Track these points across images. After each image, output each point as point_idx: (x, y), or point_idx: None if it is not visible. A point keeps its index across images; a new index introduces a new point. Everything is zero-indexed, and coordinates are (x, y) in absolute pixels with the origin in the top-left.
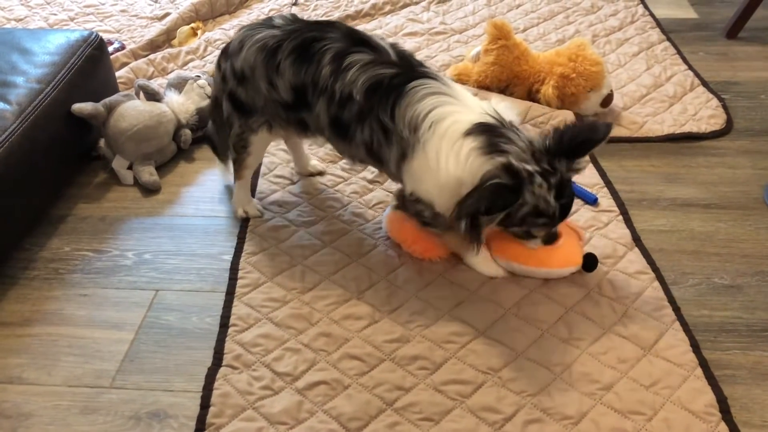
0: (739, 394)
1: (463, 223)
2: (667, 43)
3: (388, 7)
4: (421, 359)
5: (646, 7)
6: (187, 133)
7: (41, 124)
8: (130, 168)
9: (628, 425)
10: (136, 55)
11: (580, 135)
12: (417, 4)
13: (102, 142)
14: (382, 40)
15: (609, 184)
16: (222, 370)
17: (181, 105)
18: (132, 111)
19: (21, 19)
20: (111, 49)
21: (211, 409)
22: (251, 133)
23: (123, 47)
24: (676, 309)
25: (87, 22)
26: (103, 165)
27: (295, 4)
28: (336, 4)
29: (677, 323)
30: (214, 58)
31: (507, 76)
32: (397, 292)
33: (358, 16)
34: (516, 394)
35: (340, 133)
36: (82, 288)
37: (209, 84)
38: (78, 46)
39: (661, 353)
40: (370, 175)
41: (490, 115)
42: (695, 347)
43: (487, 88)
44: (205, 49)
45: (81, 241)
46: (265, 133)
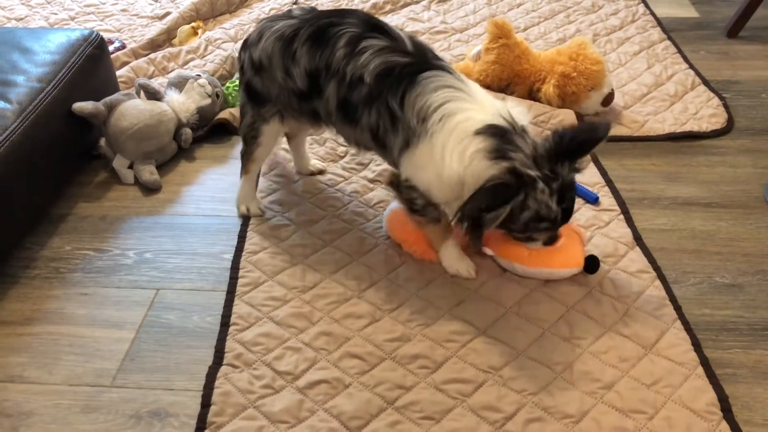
0: (741, 392)
1: (466, 224)
2: (667, 42)
3: (388, 7)
4: (421, 358)
5: (647, 6)
6: (187, 132)
7: (42, 123)
8: (130, 167)
9: (629, 424)
10: (136, 54)
11: (580, 135)
12: (417, 3)
13: (102, 141)
14: (401, 31)
15: (610, 183)
16: (223, 369)
17: (181, 104)
18: (132, 110)
19: (21, 19)
20: (111, 48)
21: (212, 408)
22: (263, 122)
23: (123, 46)
24: (678, 308)
25: (87, 22)
26: (103, 164)
27: (295, 3)
28: (336, 3)
29: (678, 322)
30: (215, 58)
31: (508, 75)
32: (398, 291)
33: None
34: (517, 392)
35: (347, 116)
36: (83, 287)
37: (209, 83)
38: (78, 45)
39: (663, 352)
40: (371, 174)
41: (503, 117)
42: (696, 346)
43: (488, 87)
44: (205, 49)
45: (82, 240)
46: (277, 124)
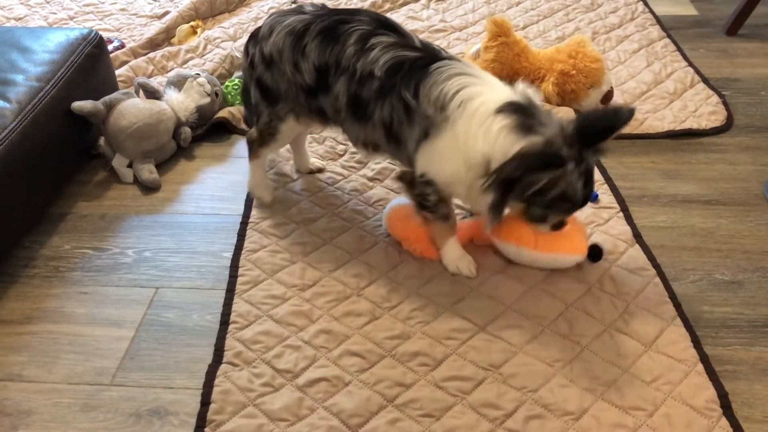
0: (741, 389)
1: (494, 192)
2: (667, 40)
3: (387, 5)
4: (421, 356)
5: (646, 4)
6: (186, 131)
7: (41, 123)
8: (130, 166)
9: (629, 421)
10: (135, 53)
11: (604, 120)
12: (417, 1)
13: (102, 140)
14: (410, 31)
15: (609, 180)
16: (222, 367)
17: (180, 103)
18: (132, 109)
19: (20, 18)
20: (111, 47)
21: (212, 406)
22: (279, 121)
23: (123, 45)
24: (677, 305)
25: (87, 21)
26: (103, 163)
27: (294, 2)
28: (336, 2)
29: (678, 319)
30: (214, 57)
31: (507, 73)
32: (398, 289)
33: None
34: (517, 390)
35: (358, 113)
36: (83, 286)
37: (208, 82)
38: (77, 45)
39: (662, 349)
40: (370, 173)
41: (521, 95)
42: (696, 343)
43: None
44: (204, 48)
45: (81, 239)
46: (293, 122)
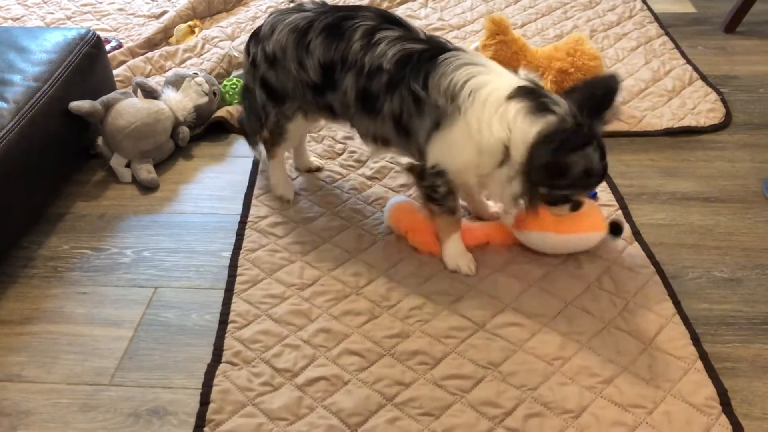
0: (740, 386)
1: (528, 180)
2: (665, 38)
3: (386, 4)
4: (420, 354)
5: (644, 1)
6: (184, 130)
7: (39, 123)
8: (128, 166)
9: (628, 419)
10: (133, 53)
11: (598, 91)
12: (415, 0)
13: (100, 140)
14: (414, 24)
15: (608, 178)
16: (222, 367)
17: (178, 102)
18: (130, 109)
19: (18, 18)
20: (108, 47)
21: (211, 406)
22: (287, 120)
23: (120, 45)
24: (677, 303)
25: (84, 21)
26: (101, 163)
27: (292, 2)
28: (333, 1)
29: (677, 317)
30: (212, 56)
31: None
32: (397, 288)
33: None
34: (516, 388)
35: (367, 107)
36: (81, 286)
37: (206, 81)
38: (75, 44)
39: (662, 346)
40: (369, 172)
41: (529, 80)
42: (695, 340)
43: None
44: (202, 47)
45: (80, 239)
46: (301, 120)
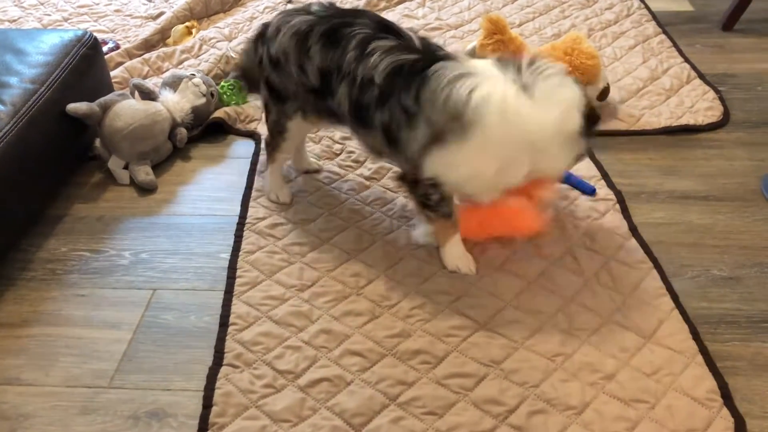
0: (740, 385)
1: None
2: (663, 36)
3: (383, 4)
4: (422, 353)
5: (642, 0)
6: (182, 131)
7: (36, 125)
8: (126, 167)
9: (631, 413)
10: (130, 54)
11: None
12: (412, 0)
13: (98, 142)
14: (410, 30)
15: (606, 176)
16: (223, 369)
17: (176, 104)
18: (127, 110)
19: (15, 20)
20: (105, 48)
21: (214, 409)
22: (287, 119)
23: (117, 47)
24: (675, 297)
25: (81, 23)
26: (99, 165)
27: (289, 2)
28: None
29: (676, 311)
30: (209, 57)
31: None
32: (397, 287)
33: None
34: (519, 385)
35: (360, 119)
36: (80, 288)
37: (204, 82)
38: (72, 46)
39: (662, 341)
40: (367, 172)
41: (512, 70)
42: (695, 334)
43: None
44: (200, 48)
45: (78, 242)
46: (300, 120)
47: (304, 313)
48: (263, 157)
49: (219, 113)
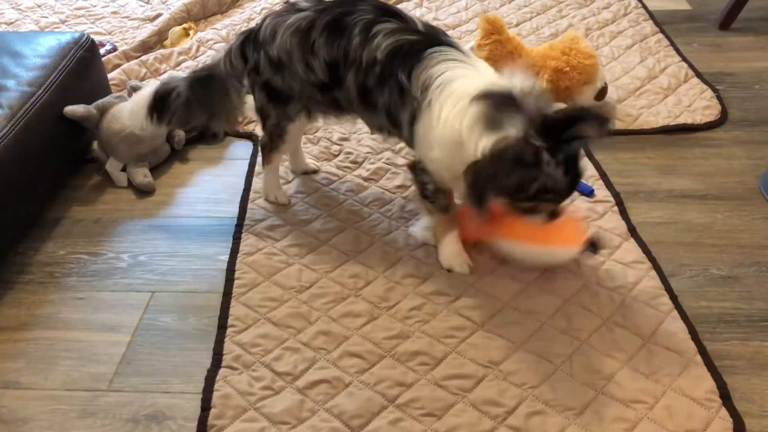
0: (739, 384)
1: (474, 188)
2: (660, 35)
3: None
4: (421, 355)
5: None
6: (180, 134)
7: (33, 128)
8: (123, 170)
9: (630, 414)
10: (128, 56)
11: (583, 110)
12: (410, 0)
13: (95, 145)
14: (414, 15)
15: (604, 176)
16: (222, 371)
17: None
18: (125, 112)
19: (12, 23)
20: (103, 51)
21: (213, 411)
22: (289, 121)
23: (115, 49)
24: (674, 297)
25: (78, 25)
26: (96, 167)
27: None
28: None
29: (675, 311)
30: (207, 59)
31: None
32: (396, 288)
33: None
34: (517, 386)
35: (367, 102)
36: (78, 291)
37: None
38: (69, 49)
39: (660, 341)
40: (365, 173)
41: (504, 84)
42: (693, 334)
43: None
44: (197, 50)
45: (76, 244)
46: (303, 120)
47: (302, 314)
48: (261, 158)
49: None
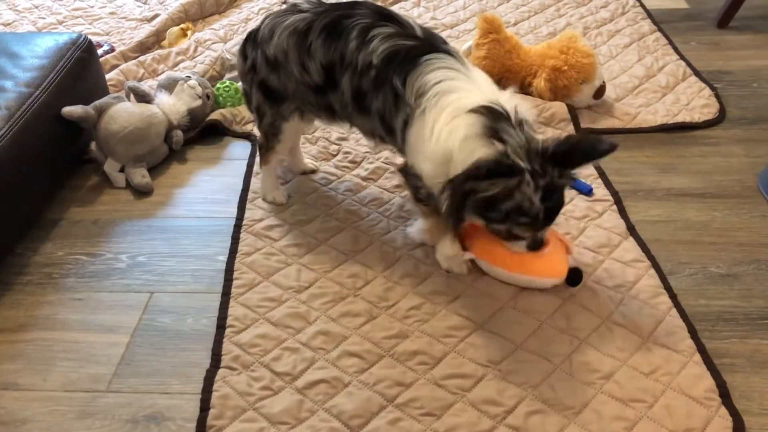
0: (738, 382)
1: (450, 199)
2: (658, 34)
3: (378, 3)
4: (420, 354)
5: None
6: (178, 134)
7: (31, 128)
8: (122, 170)
9: (629, 413)
10: (125, 57)
11: (582, 145)
12: None
13: (93, 145)
14: (411, 19)
15: (603, 175)
16: (221, 372)
17: (171, 106)
18: (123, 113)
19: (9, 24)
20: (100, 51)
21: (212, 411)
22: (283, 121)
23: (112, 49)
24: (673, 296)
25: (76, 25)
26: (94, 168)
27: (284, 3)
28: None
29: (674, 310)
30: (205, 59)
31: (499, 70)
32: (394, 288)
33: None
34: (517, 386)
35: (361, 106)
36: (76, 292)
37: (199, 84)
38: (67, 49)
39: (660, 340)
40: (364, 173)
41: (501, 104)
42: (693, 333)
43: None
44: (195, 50)
45: (74, 245)
46: (297, 120)
47: (301, 314)
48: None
49: (215, 115)
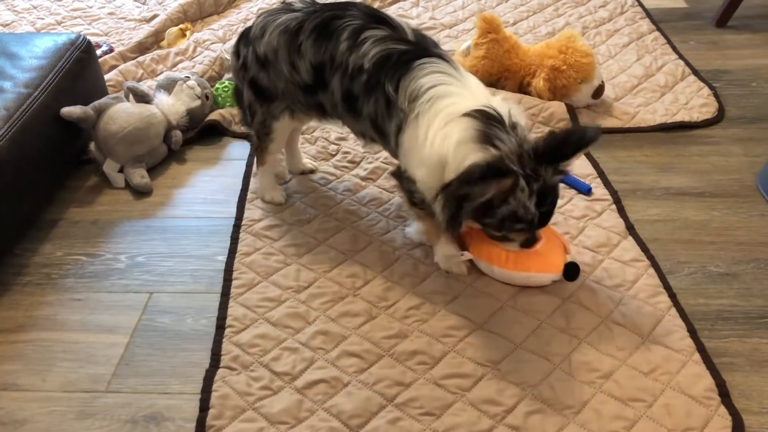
0: (738, 381)
1: (447, 206)
2: (657, 33)
3: (377, 4)
4: (420, 354)
5: None
6: (177, 134)
7: (30, 129)
8: (121, 171)
9: (629, 413)
10: (124, 57)
11: (570, 138)
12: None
13: (92, 146)
14: (403, 22)
15: (602, 174)
16: (220, 372)
17: (170, 106)
18: (122, 113)
19: (8, 24)
20: (99, 51)
21: (211, 411)
22: (273, 119)
23: (111, 50)
24: (672, 295)
25: (75, 26)
26: (93, 168)
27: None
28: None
29: (673, 309)
30: (204, 59)
31: (498, 69)
32: (394, 288)
33: None
34: (516, 385)
35: (351, 107)
36: (76, 292)
37: (198, 85)
38: (65, 50)
39: (659, 339)
40: (363, 173)
41: (493, 108)
42: (692, 332)
43: None
44: (194, 50)
45: (73, 246)
46: (287, 119)
47: (300, 314)
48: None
49: (214, 115)
